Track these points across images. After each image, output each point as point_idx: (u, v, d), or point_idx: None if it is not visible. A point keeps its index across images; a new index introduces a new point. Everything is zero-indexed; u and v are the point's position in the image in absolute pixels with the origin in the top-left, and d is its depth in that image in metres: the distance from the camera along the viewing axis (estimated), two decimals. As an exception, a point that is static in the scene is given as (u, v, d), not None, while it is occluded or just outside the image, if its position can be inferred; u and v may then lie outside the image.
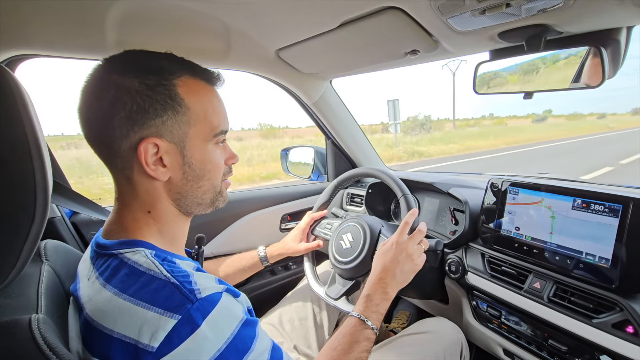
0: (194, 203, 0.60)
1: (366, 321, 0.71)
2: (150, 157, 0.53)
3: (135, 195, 0.56)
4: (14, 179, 0.42)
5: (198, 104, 0.55)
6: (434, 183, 1.19)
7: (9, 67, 0.88)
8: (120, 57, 0.54)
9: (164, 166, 0.54)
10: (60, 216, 1.03)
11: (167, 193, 0.57)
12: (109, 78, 0.51)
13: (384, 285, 0.77)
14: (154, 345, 0.43)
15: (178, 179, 0.56)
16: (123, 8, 0.78)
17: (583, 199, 0.78)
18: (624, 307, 0.69)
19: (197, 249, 0.83)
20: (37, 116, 0.48)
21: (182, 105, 0.53)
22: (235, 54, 1.08)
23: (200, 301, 0.46)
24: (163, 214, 0.58)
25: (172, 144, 0.54)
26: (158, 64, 0.54)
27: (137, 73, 0.51)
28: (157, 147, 0.53)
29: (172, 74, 0.53)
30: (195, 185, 0.58)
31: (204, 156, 0.58)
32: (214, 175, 0.60)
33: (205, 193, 0.60)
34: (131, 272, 0.49)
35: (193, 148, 0.56)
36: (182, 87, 0.54)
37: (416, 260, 0.82)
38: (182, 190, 0.58)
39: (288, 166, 1.73)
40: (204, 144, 0.57)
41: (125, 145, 0.52)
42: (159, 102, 0.51)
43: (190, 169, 0.57)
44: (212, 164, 0.59)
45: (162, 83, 0.52)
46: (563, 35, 0.78)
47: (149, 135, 0.52)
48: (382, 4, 0.74)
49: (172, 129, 0.53)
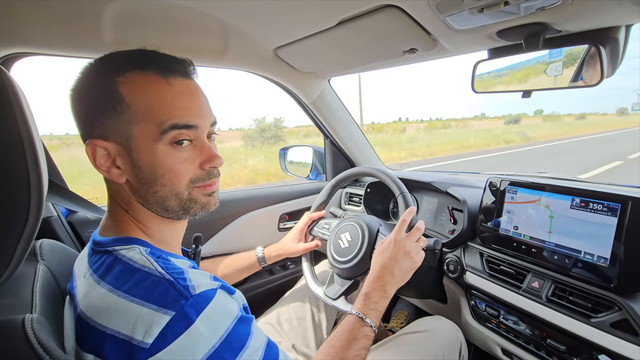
0: (160, 209, 0.56)
1: (365, 319, 0.70)
2: (101, 158, 0.52)
3: (113, 194, 0.57)
4: (8, 177, 0.42)
5: (141, 100, 0.51)
6: (432, 182, 1.19)
7: (5, 65, 0.88)
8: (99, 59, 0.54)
9: (117, 168, 0.53)
10: (57, 215, 1.02)
11: (132, 194, 0.55)
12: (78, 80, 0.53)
13: (383, 283, 0.77)
14: (147, 342, 0.42)
15: (134, 182, 0.54)
16: (120, 6, 0.78)
17: (582, 198, 0.78)
18: (622, 307, 0.68)
19: (194, 248, 0.82)
20: (32, 115, 0.47)
21: (121, 103, 0.50)
22: (232, 53, 1.07)
23: (194, 297, 0.46)
24: (140, 214, 0.57)
25: (119, 145, 0.52)
26: (109, 62, 0.53)
27: (90, 74, 0.52)
28: (105, 149, 0.52)
29: (116, 70, 0.51)
30: (150, 190, 0.54)
31: (152, 159, 0.52)
32: (169, 181, 0.53)
33: (165, 200, 0.54)
34: (126, 268, 0.49)
35: (139, 149, 0.51)
36: (126, 85, 0.50)
37: (414, 258, 0.81)
38: (141, 194, 0.54)
39: (286, 165, 1.73)
40: (152, 145, 0.51)
41: (86, 147, 0.53)
42: (100, 102, 0.51)
43: (141, 172, 0.52)
44: (163, 168, 0.52)
45: (105, 82, 0.51)
46: (562, 34, 0.77)
47: (94, 137, 0.52)
48: (381, 2, 0.74)
49: (116, 130, 0.51)
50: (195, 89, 0.56)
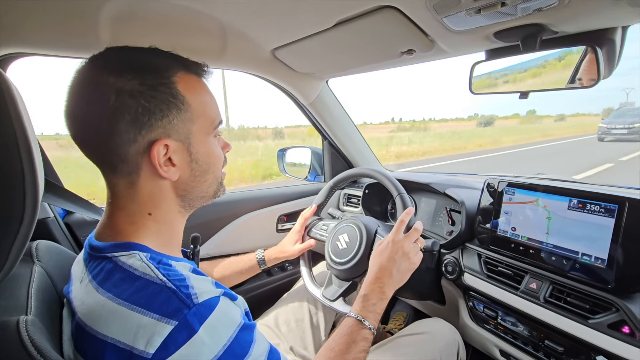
0: (198, 197, 0.60)
1: (363, 321, 0.70)
2: (161, 158, 0.52)
3: (136, 199, 0.54)
4: (2, 177, 0.42)
5: (197, 100, 0.55)
6: (430, 183, 1.19)
7: (1, 66, 0.87)
8: (109, 56, 0.51)
9: (173, 165, 0.54)
10: (53, 217, 1.01)
11: (174, 191, 0.57)
12: (104, 81, 0.48)
13: (381, 284, 0.77)
14: (149, 352, 0.42)
15: (186, 176, 0.56)
16: (117, 6, 0.77)
17: (579, 199, 0.78)
18: (619, 308, 0.68)
19: (193, 248, 0.82)
20: (28, 115, 0.47)
21: (184, 102, 0.53)
22: (230, 53, 1.07)
23: (197, 306, 0.45)
24: (165, 214, 0.57)
25: (179, 142, 0.53)
26: (152, 61, 0.52)
27: (134, 74, 0.49)
28: (167, 147, 0.52)
29: (168, 71, 0.52)
30: (202, 179, 0.59)
31: (208, 150, 0.58)
32: (217, 167, 0.61)
33: (210, 186, 0.61)
34: (126, 276, 0.48)
35: (198, 144, 0.56)
36: (181, 84, 0.53)
37: (413, 259, 0.81)
38: (189, 187, 0.58)
39: (285, 167, 1.72)
40: (206, 138, 0.58)
41: (133, 150, 0.50)
42: (163, 102, 0.50)
43: (198, 164, 0.57)
44: (215, 156, 0.60)
45: (162, 82, 0.51)
46: (558, 35, 0.78)
47: (158, 137, 0.51)
48: (378, 3, 0.74)
49: (178, 128, 0.53)
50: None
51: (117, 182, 0.53)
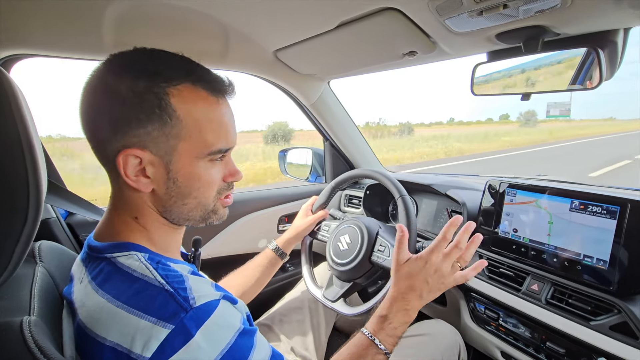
0: (180, 218, 0.56)
1: (379, 345, 0.64)
2: (132, 167, 0.49)
3: (123, 200, 0.54)
4: (6, 179, 0.42)
5: (193, 117, 0.50)
6: (431, 184, 1.19)
7: (5, 67, 0.88)
8: (123, 56, 0.50)
9: (146, 177, 0.51)
10: (56, 217, 1.02)
11: (152, 204, 0.54)
12: (104, 78, 0.48)
13: (407, 307, 0.68)
14: (146, 355, 0.41)
15: (162, 193, 0.52)
16: (120, 8, 0.78)
17: (581, 201, 0.78)
18: (622, 309, 0.68)
19: (194, 251, 0.81)
20: (32, 116, 0.47)
21: (172, 117, 0.48)
22: (233, 55, 1.07)
23: (194, 310, 0.44)
24: (150, 222, 0.55)
25: (156, 156, 0.50)
26: (155, 67, 0.49)
27: (129, 76, 0.47)
28: (139, 158, 0.49)
29: (167, 81, 0.48)
30: (179, 202, 0.53)
31: (191, 173, 0.52)
32: (202, 194, 0.54)
33: (192, 211, 0.55)
34: (125, 277, 0.47)
35: (179, 163, 0.51)
36: (177, 97, 0.48)
37: (447, 281, 0.70)
38: (167, 205, 0.54)
39: (286, 167, 1.73)
40: (195, 161, 0.52)
41: (109, 150, 0.49)
42: (144, 112, 0.47)
43: (175, 185, 0.52)
44: (201, 181, 0.53)
45: (152, 90, 0.47)
46: (560, 37, 0.78)
47: (130, 146, 0.48)
48: (380, 5, 0.74)
49: (158, 141, 0.49)
50: (232, 110, 0.57)
51: (111, 181, 0.54)
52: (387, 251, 0.92)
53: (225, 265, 1.10)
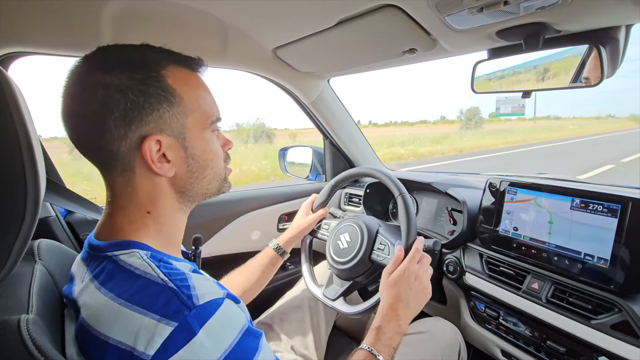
0: (199, 194, 0.59)
1: (378, 356, 0.66)
2: (154, 154, 0.51)
3: (134, 197, 0.53)
4: (4, 176, 0.42)
5: (189, 93, 0.53)
6: (432, 183, 1.19)
7: (3, 65, 0.88)
8: (99, 54, 0.51)
9: (168, 162, 0.53)
10: (55, 215, 1.02)
11: (172, 187, 0.56)
12: (93, 78, 0.48)
13: (397, 316, 0.73)
14: (149, 353, 0.41)
15: (183, 173, 0.55)
16: (118, 6, 0.77)
17: (582, 199, 0.77)
18: (622, 308, 0.68)
19: (194, 249, 0.81)
20: (30, 114, 0.47)
21: (174, 95, 0.51)
22: (232, 53, 1.07)
23: (198, 308, 0.44)
24: (163, 212, 0.56)
25: (172, 137, 0.52)
26: (141, 56, 0.52)
27: (122, 69, 0.49)
28: (159, 143, 0.51)
29: (158, 65, 0.51)
30: (200, 176, 0.57)
31: (205, 145, 0.56)
32: (215, 164, 0.59)
33: (211, 182, 0.59)
34: (127, 275, 0.47)
35: (193, 139, 0.54)
36: (171, 77, 0.52)
37: (427, 288, 0.79)
38: (187, 184, 0.56)
39: (286, 166, 1.72)
40: (203, 133, 0.56)
41: (124, 146, 0.49)
42: (153, 96, 0.49)
43: (194, 160, 0.55)
44: (213, 152, 0.58)
45: (151, 75, 0.50)
46: (562, 34, 0.77)
47: (149, 132, 0.50)
48: (380, 2, 0.74)
49: (171, 122, 0.51)
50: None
51: (114, 180, 0.53)
52: (387, 249, 0.91)
53: (225, 263, 1.10)
